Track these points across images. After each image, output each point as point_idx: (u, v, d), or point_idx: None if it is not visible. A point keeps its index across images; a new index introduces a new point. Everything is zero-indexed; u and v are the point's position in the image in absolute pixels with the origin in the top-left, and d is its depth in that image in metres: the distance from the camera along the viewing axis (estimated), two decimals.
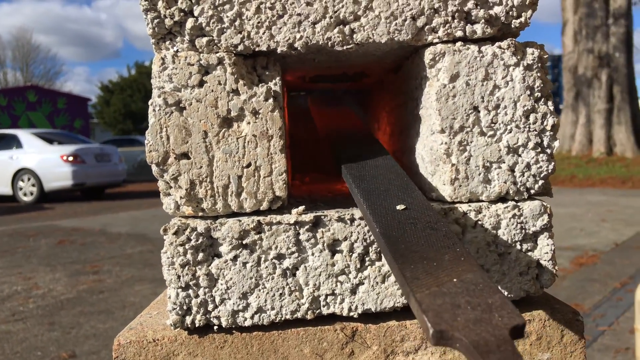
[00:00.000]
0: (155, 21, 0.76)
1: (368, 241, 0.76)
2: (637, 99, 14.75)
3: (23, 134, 12.13)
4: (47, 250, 6.19)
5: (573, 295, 3.79)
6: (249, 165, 0.78)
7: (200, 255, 0.75)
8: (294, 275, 0.76)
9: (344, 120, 1.22)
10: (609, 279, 4.16)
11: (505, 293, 0.79)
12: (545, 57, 0.79)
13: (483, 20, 0.79)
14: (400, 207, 0.71)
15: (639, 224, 6.44)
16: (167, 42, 0.77)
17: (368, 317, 0.78)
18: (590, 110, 14.41)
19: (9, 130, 12.55)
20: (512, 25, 0.80)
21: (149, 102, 0.76)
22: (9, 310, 3.94)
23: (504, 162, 0.79)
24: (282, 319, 0.76)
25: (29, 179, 11.63)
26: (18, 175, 11.68)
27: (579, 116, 14.56)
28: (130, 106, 31.52)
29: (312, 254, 0.76)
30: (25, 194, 11.70)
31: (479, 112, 0.79)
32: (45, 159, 11.50)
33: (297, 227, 0.76)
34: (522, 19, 0.79)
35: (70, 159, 11.45)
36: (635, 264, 4.59)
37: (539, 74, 0.79)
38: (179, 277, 0.74)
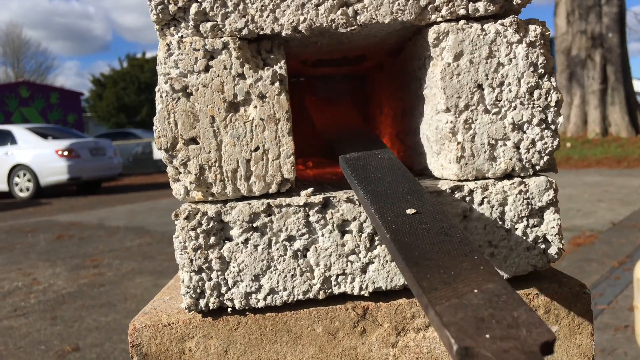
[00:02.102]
0: (159, 7, 0.76)
1: None
2: (630, 79, 14.77)
3: (17, 130, 12.07)
4: (45, 246, 6.18)
5: (571, 275, 3.81)
6: (257, 148, 0.78)
7: (212, 239, 0.75)
8: (305, 256, 0.77)
9: (343, 117, 1.19)
10: (607, 258, 4.19)
11: (513, 268, 0.80)
12: (547, 33, 0.80)
13: None
14: (410, 211, 0.67)
15: (635, 203, 6.48)
16: (172, 29, 0.77)
17: (379, 295, 0.79)
18: (585, 91, 14.42)
19: (3, 126, 12.47)
20: (514, 2, 0.80)
21: (156, 89, 0.77)
22: (11, 306, 3.94)
23: (509, 139, 0.80)
24: (295, 299, 0.77)
25: (24, 175, 11.60)
26: (14, 171, 11.64)
27: (573, 97, 14.57)
28: (124, 99, 31.33)
29: (322, 235, 0.77)
30: (21, 190, 11.67)
31: (483, 89, 0.79)
32: (40, 154, 11.47)
33: (306, 208, 0.76)
34: None
35: (65, 153, 11.41)
36: (632, 242, 4.63)
37: (541, 51, 0.79)
38: (191, 260, 0.75)
